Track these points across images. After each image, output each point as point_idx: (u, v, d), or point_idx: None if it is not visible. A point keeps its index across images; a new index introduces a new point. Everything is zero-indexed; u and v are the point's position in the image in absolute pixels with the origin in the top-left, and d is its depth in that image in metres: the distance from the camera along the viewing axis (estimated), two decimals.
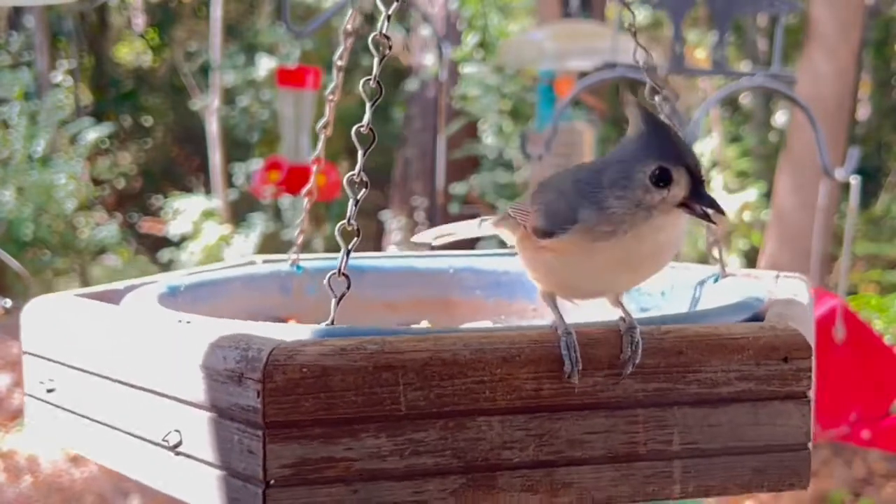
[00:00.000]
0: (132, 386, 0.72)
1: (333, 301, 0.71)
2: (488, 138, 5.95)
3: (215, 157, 6.44)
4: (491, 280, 1.08)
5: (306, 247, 1.09)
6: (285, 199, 5.88)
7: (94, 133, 6.01)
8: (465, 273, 1.08)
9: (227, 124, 6.66)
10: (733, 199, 5.26)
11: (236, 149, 6.81)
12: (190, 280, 0.96)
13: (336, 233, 0.74)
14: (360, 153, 0.74)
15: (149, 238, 7.13)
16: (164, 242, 6.43)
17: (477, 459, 0.64)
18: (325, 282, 0.72)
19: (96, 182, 6.68)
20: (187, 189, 7.15)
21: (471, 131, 6.01)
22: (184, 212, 6.20)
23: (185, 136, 7.99)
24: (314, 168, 0.98)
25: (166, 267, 6.19)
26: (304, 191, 1.01)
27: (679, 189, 0.69)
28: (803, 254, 3.93)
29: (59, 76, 6.73)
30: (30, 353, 0.85)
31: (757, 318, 0.77)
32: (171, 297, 0.88)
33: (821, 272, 4.24)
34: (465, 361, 0.63)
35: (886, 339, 2.60)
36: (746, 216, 5.20)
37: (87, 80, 8.12)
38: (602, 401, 0.66)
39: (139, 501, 3.23)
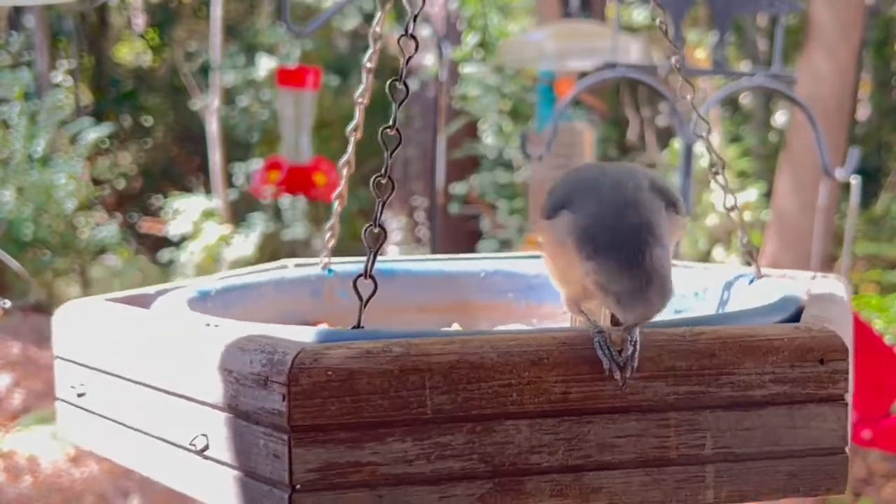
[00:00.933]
0: (160, 390, 0.72)
1: (360, 305, 0.71)
2: (488, 138, 5.95)
3: (215, 157, 6.43)
4: (522, 283, 1.07)
5: (308, 247, 1.09)
6: (285, 199, 5.88)
7: (94, 133, 6.01)
8: (497, 276, 1.08)
9: (227, 124, 6.65)
10: (733, 200, 5.26)
11: (236, 149, 6.81)
12: (221, 284, 0.97)
13: (362, 235, 0.73)
14: (386, 154, 0.74)
15: (149, 238, 7.13)
16: (164, 242, 6.43)
17: (505, 464, 0.63)
18: (351, 285, 0.71)
19: (96, 182, 6.68)
20: (187, 189, 7.15)
21: (471, 131, 6.01)
22: (184, 212, 6.20)
23: (185, 136, 7.99)
24: (344, 172, 0.98)
25: (166, 267, 6.19)
26: (334, 195, 1.00)
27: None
28: (803, 254, 3.93)
29: (59, 76, 6.73)
30: (61, 358, 0.85)
31: (793, 319, 0.76)
32: (202, 302, 0.89)
33: (821, 272, 4.23)
34: (493, 364, 0.62)
35: (886, 339, 2.60)
36: (746, 216, 5.19)
37: (87, 80, 8.12)
38: (632, 404, 0.65)
39: (139, 501, 3.23)
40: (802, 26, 4.96)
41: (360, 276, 0.72)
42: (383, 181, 0.73)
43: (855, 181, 1.98)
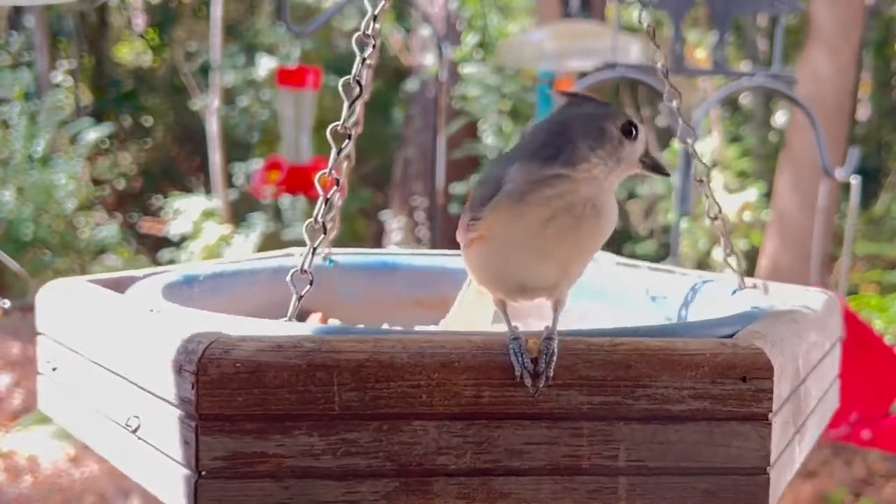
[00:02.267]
0: (108, 370, 0.75)
1: (294, 299, 0.73)
2: (488, 138, 5.95)
3: (215, 157, 6.43)
4: None
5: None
6: (285, 199, 5.88)
7: (94, 133, 6.01)
8: None
9: (227, 124, 6.65)
10: (733, 199, 5.26)
11: (236, 149, 6.81)
12: (211, 269, 0.97)
13: (304, 230, 0.75)
14: (333, 151, 0.75)
15: (149, 238, 7.13)
16: (165, 242, 6.43)
17: (411, 464, 0.63)
18: (287, 279, 0.74)
19: (96, 182, 6.68)
20: (187, 189, 7.15)
21: (471, 131, 6.01)
22: (184, 212, 6.20)
23: (185, 136, 7.99)
24: (344, 166, 0.98)
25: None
26: (333, 189, 1.01)
27: (641, 144, 0.70)
28: (803, 254, 3.93)
29: (59, 76, 6.72)
30: (40, 333, 0.89)
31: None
32: (187, 287, 0.90)
33: (821, 272, 4.23)
34: (402, 364, 0.63)
35: (886, 339, 2.60)
36: (746, 216, 5.20)
37: (87, 80, 8.12)
38: (544, 411, 0.64)
39: (139, 501, 3.22)
40: (802, 26, 4.96)
41: (296, 270, 0.73)
42: (329, 178, 0.75)
43: (855, 181, 1.98)
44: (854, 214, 2.09)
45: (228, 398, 0.62)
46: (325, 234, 0.76)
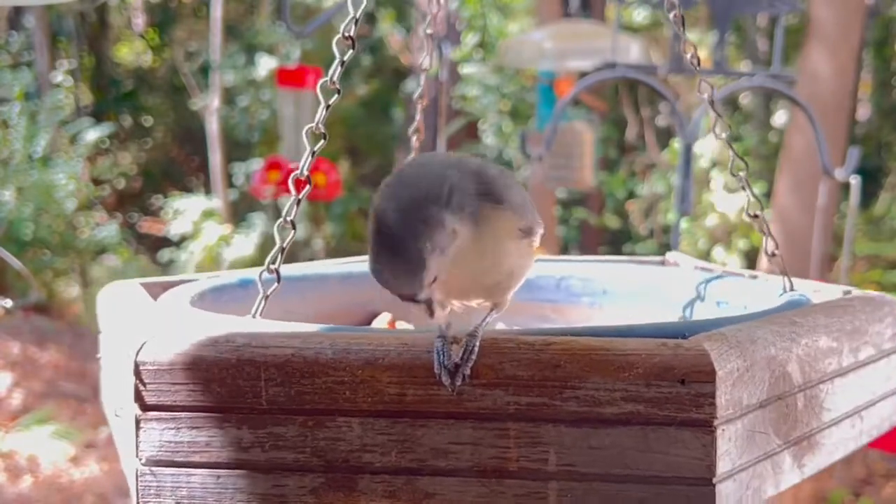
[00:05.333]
0: (112, 363, 0.78)
1: (260, 297, 0.75)
2: (488, 138, 5.96)
3: (215, 157, 6.44)
4: (550, 283, 1.09)
5: (308, 247, 1.11)
6: (285, 199, 5.87)
7: (94, 133, 6.01)
8: (572, 280, 1.09)
9: (227, 124, 6.66)
10: (733, 200, 5.26)
11: (236, 149, 6.82)
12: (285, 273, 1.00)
13: (275, 230, 0.77)
14: (307, 153, 0.76)
15: (149, 238, 7.14)
16: (165, 242, 6.44)
17: (337, 460, 0.64)
18: (256, 278, 0.76)
19: (96, 182, 6.68)
20: (187, 189, 7.16)
21: (471, 131, 6.01)
22: (184, 212, 6.20)
23: (185, 136, 7.99)
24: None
25: (166, 267, 6.20)
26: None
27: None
28: (803, 254, 3.93)
29: (59, 76, 6.72)
30: (100, 331, 0.93)
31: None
32: (242, 290, 0.92)
33: (821, 272, 4.23)
34: (327, 361, 0.63)
35: None
36: (746, 216, 5.19)
37: (87, 80, 8.12)
38: (469, 411, 0.62)
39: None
40: (802, 26, 4.96)
41: (264, 269, 0.76)
42: (302, 178, 0.76)
43: (855, 181, 1.98)
44: (854, 214, 2.09)
45: (165, 390, 0.65)
46: (294, 232, 0.77)
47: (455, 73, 5.79)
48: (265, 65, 6.37)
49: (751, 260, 5.00)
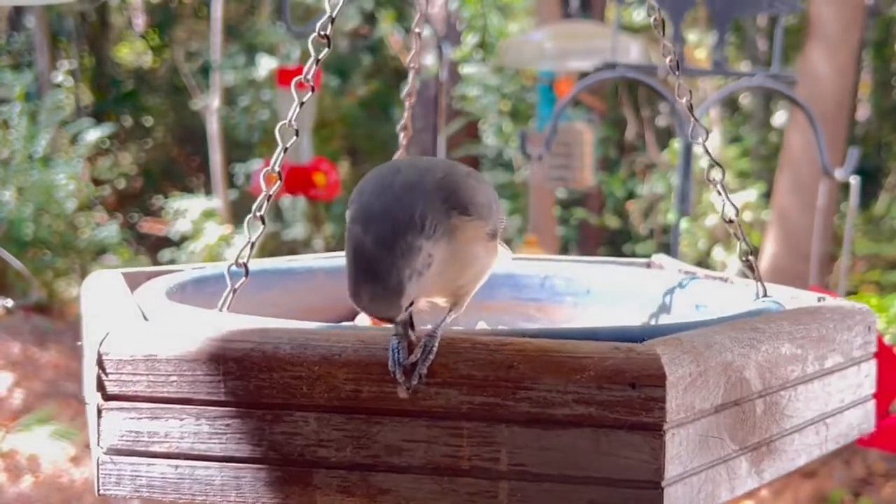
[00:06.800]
0: (86, 354, 0.79)
1: (227, 291, 0.77)
2: (488, 138, 5.96)
3: (215, 157, 6.44)
4: (535, 283, 1.08)
5: (308, 247, 1.11)
6: (285, 199, 5.88)
7: (94, 133, 6.01)
8: (555, 280, 1.09)
9: (227, 124, 6.66)
10: (733, 200, 5.27)
11: (236, 149, 6.82)
12: (261, 266, 1.00)
13: (245, 224, 0.79)
14: (279, 148, 0.78)
15: (149, 238, 7.14)
16: (165, 242, 6.44)
17: (293, 454, 0.65)
18: (224, 271, 0.78)
19: (97, 182, 6.68)
20: (188, 189, 7.16)
21: (471, 131, 6.02)
22: (184, 212, 6.21)
23: (185, 136, 8.00)
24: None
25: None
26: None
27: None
28: (803, 254, 3.94)
29: (59, 76, 6.72)
30: (83, 316, 0.95)
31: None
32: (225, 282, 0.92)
33: (821, 272, 4.24)
34: (284, 356, 0.64)
35: (886, 339, 2.60)
36: (746, 216, 5.20)
37: (88, 80, 8.12)
38: (423, 409, 0.63)
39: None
40: (802, 26, 4.96)
41: (233, 263, 0.77)
42: (273, 174, 0.78)
43: (854, 181, 1.98)
44: (854, 214, 2.09)
45: (126, 381, 0.66)
46: (263, 227, 0.79)
47: (455, 73, 5.80)
48: (265, 65, 6.37)
49: None
